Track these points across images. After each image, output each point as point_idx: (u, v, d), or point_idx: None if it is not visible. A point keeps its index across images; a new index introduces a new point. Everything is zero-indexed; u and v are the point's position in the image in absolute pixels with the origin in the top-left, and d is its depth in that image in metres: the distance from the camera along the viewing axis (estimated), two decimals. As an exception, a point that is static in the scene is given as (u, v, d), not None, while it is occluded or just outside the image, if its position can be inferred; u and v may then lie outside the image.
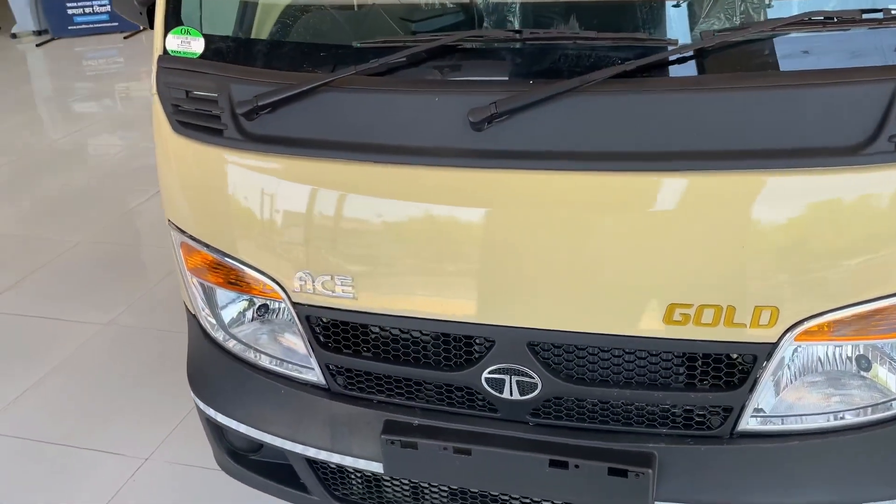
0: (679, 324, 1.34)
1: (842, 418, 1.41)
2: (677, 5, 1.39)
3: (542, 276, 1.38)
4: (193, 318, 1.83)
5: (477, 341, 1.47)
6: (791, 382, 1.39)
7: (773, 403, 1.40)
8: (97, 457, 2.54)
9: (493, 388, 1.48)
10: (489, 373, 1.47)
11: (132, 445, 2.55)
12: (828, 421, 1.41)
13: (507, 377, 1.47)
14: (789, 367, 1.37)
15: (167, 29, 1.60)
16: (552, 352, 1.44)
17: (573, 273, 1.36)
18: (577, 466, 1.44)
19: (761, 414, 1.41)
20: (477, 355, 1.48)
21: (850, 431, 1.41)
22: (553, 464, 1.45)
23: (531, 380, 1.45)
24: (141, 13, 1.84)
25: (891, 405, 1.40)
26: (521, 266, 1.38)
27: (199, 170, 1.59)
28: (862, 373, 1.39)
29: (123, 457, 2.53)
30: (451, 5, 1.64)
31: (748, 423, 1.42)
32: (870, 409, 1.41)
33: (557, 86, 1.27)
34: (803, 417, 1.41)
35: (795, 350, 1.34)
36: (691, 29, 1.37)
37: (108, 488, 2.41)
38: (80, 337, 3.12)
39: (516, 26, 1.53)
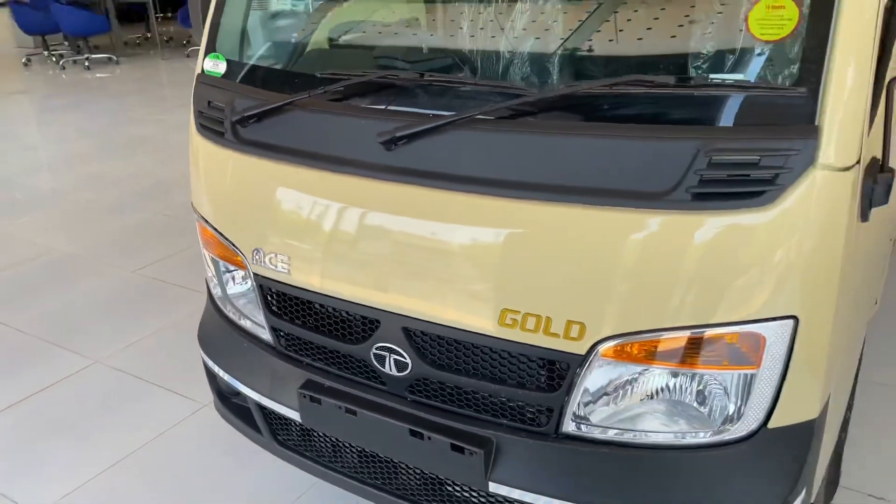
0: (510, 327, 1.58)
1: (649, 437, 1.56)
2: (548, 64, 1.65)
3: (416, 271, 1.67)
4: (207, 287, 2.30)
5: (368, 320, 1.79)
6: (604, 395, 1.56)
7: (590, 412, 1.58)
8: (169, 395, 3.12)
9: (378, 363, 1.79)
10: (376, 349, 1.78)
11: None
12: (635, 437, 1.56)
13: (387, 355, 1.77)
14: (600, 380, 1.55)
15: (206, 53, 2.11)
16: (420, 337, 1.72)
17: (437, 272, 1.65)
18: (429, 438, 1.70)
19: (582, 420, 1.59)
20: (367, 333, 1.79)
21: (658, 450, 1.55)
22: (412, 433, 1.73)
23: (404, 360, 1.74)
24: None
25: (696, 434, 1.53)
26: (402, 261, 1.69)
27: (207, 162, 2.06)
28: (667, 398, 1.53)
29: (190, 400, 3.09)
30: (398, 51, 1.99)
31: (569, 426, 1.60)
32: (701, 433, 1.54)
33: (438, 119, 1.58)
34: (613, 430, 1.58)
35: (603, 365, 1.53)
36: (545, 83, 1.63)
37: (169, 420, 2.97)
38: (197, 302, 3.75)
39: (447, 69, 1.85)
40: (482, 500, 1.78)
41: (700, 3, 1.67)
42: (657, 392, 1.54)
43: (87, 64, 11.08)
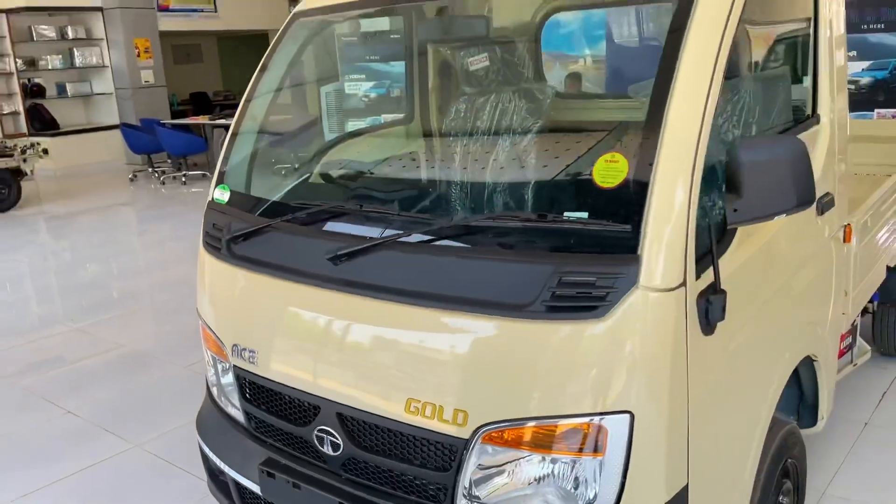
0: (413, 414, 1.90)
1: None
2: (449, 203, 2.04)
3: (346, 365, 2.04)
4: (206, 383, 2.71)
5: (312, 406, 2.14)
6: (487, 476, 1.84)
7: (478, 491, 1.86)
8: (191, 479, 3.50)
9: (318, 444, 2.13)
10: (317, 431, 2.12)
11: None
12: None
13: (325, 436, 2.10)
14: (483, 462, 1.83)
15: (216, 185, 2.61)
16: (350, 421, 2.05)
17: (361, 365, 2.01)
18: (351, 510, 2.01)
19: (473, 498, 1.87)
20: (311, 417, 2.14)
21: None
22: (341, 506, 2.04)
23: (338, 441, 2.07)
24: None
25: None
26: (336, 356, 2.06)
27: (208, 273, 2.52)
28: (538, 480, 1.80)
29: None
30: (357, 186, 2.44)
31: (460, 502, 1.88)
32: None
33: (367, 241, 1.99)
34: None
35: (484, 448, 1.82)
36: (446, 217, 2.01)
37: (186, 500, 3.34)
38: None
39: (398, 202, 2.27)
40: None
41: (560, 160, 2.05)
42: (530, 474, 1.81)
43: (183, 180, 12.24)
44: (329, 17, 2.75)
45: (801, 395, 2.76)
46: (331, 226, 2.20)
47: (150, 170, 12.98)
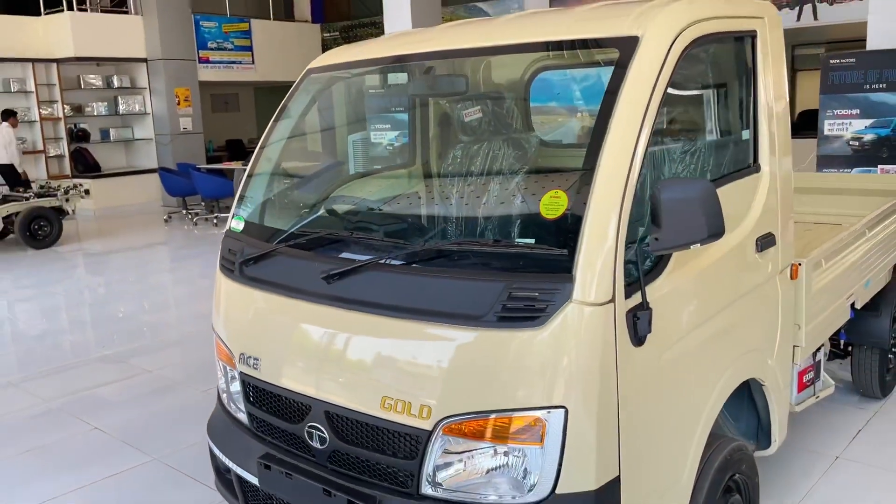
0: (387, 409, 2.22)
1: (484, 498, 2.10)
2: (422, 231, 2.39)
3: (332, 368, 2.37)
4: (218, 392, 3.05)
5: (304, 406, 2.46)
6: (448, 463, 2.14)
7: (440, 477, 2.16)
8: (202, 488, 3.81)
9: (309, 439, 2.44)
10: (308, 428, 2.44)
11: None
12: (474, 498, 2.11)
13: (314, 432, 2.42)
14: (444, 451, 2.13)
15: (233, 216, 2.99)
16: (335, 419, 2.37)
17: (343, 370, 2.33)
18: (334, 496, 2.31)
19: (435, 484, 2.16)
20: (303, 415, 2.46)
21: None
22: (324, 492, 2.34)
23: (325, 436, 2.39)
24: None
25: (513, 497, 2.07)
26: (325, 361, 2.39)
27: (223, 292, 2.88)
28: (491, 467, 2.09)
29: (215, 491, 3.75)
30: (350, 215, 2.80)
31: (426, 488, 2.18)
32: (510, 496, 2.09)
33: (358, 263, 2.33)
34: (458, 492, 2.14)
35: (445, 439, 2.12)
36: (422, 242, 2.35)
37: (190, 505, 3.64)
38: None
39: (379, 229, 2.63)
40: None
41: (513, 195, 2.39)
42: (484, 462, 2.11)
43: (215, 221, 12.78)
44: (338, 74, 3.15)
45: (758, 420, 3.02)
46: (326, 250, 2.56)
47: (183, 211, 13.57)
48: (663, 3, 2.38)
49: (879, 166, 7.95)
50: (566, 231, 2.05)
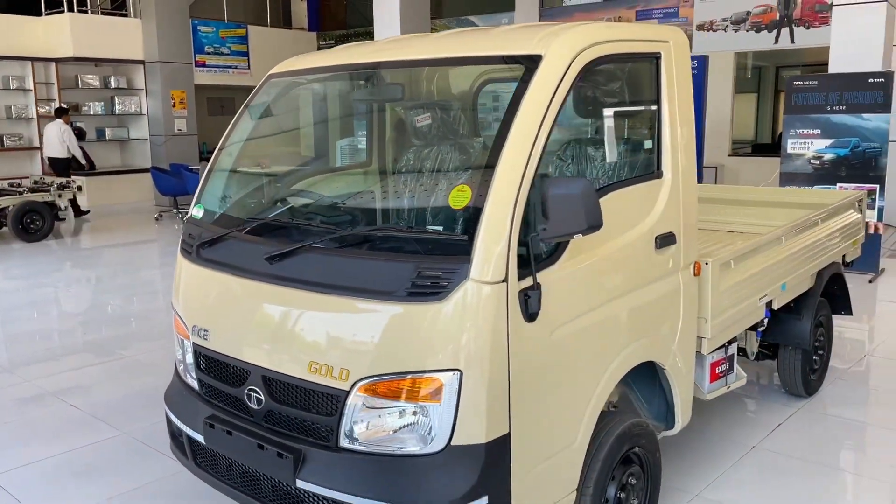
0: (313, 373, 2.54)
1: (392, 450, 2.42)
2: (347, 217, 2.71)
3: (269, 338, 2.69)
4: (175, 366, 3.35)
5: (245, 371, 2.78)
6: (362, 419, 2.46)
7: (356, 431, 2.47)
8: (166, 459, 4.12)
9: (248, 401, 2.76)
10: (247, 391, 2.76)
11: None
12: (391, 449, 2.43)
13: (253, 394, 2.74)
14: (359, 408, 2.45)
15: (194, 205, 3.31)
16: (270, 382, 2.69)
17: (278, 339, 2.65)
18: (266, 449, 2.62)
19: (352, 438, 2.48)
20: (243, 380, 2.78)
21: (396, 457, 2.41)
22: (259, 446, 2.65)
23: (261, 397, 2.71)
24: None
25: (416, 447, 2.38)
26: (262, 331, 2.71)
27: (181, 273, 3.20)
28: (404, 422, 2.41)
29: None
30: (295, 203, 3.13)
31: (344, 441, 2.49)
32: (414, 447, 2.40)
33: (294, 246, 2.65)
34: (371, 445, 2.45)
35: (360, 398, 2.44)
36: (344, 228, 2.68)
37: (159, 475, 3.95)
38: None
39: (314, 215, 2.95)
40: (299, 495, 2.63)
41: (426, 188, 2.72)
42: (392, 417, 2.43)
43: (204, 221, 13.14)
44: (297, 79, 3.48)
45: (668, 403, 3.34)
46: (270, 236, 2.88)
47: (174, 210, 13.89)
48: (567, 27, 2.72)
49: (838, 184, 8.31)
50: (468, 220, 2.38)
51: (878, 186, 8.21)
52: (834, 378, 5.23)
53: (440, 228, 2.49)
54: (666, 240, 3.04)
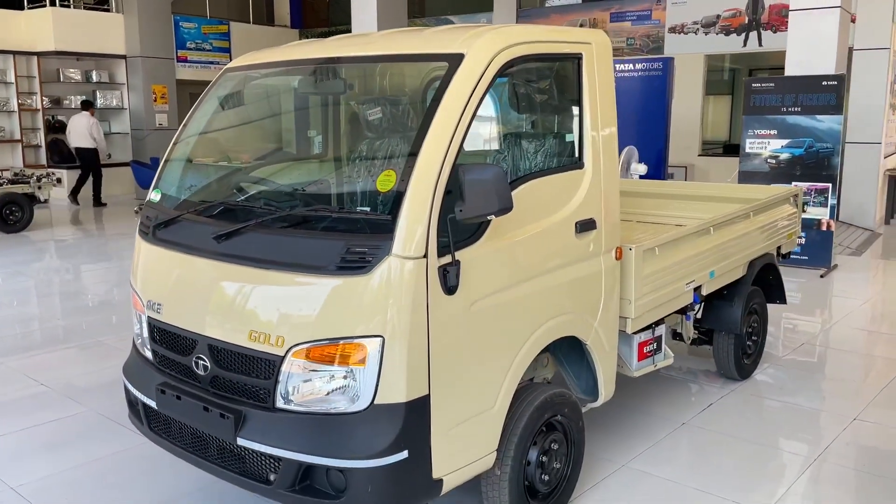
0: (253, 341, 2.79)
1: (324, 409, 2.67)
2: (287, 199, 2.97)
3: (214, 310, 2.93)
4: (133, 340, 3.59)
5: (192, 341, 3.02)
6: (296, 382, 2.71)
7: (291, 393, 2.72)
8: (128, 433, 4.36)
9: (196, 368, 3.00)
10: (195, 359, 3.00)
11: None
12: (321, 408, 2.68)
13: (200, 361, 2.98)
14: (293, 372, 2.70)
15: (152, 189, 3.55)
16: (215, 350, 2.93)
17: (223, 311, 2.90)
18: (210, 411, 2.87)
19: (288, 399, 2.73)
20: (191, 349, 3.02)
21: (328, 416, 2.66)
22: (204, 409, 2.90)
23: (207, 364, 2.95)
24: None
25: (345, 406, 2.64)
26: (209, 304, 2.96)
27: (139, 251, 3.43)
28: (333, 383, 2.66)
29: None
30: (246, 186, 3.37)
31: (280, 402, 2.74)
32: (342, 406, 2.65)
33: (239, 226, 2.90)
34: (305, 405, 2.70)
35: (294, 362, 2.69)
36: (284, 208, 2.94)
37: (118, 448, 4.18)
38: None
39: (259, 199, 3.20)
40: (240, 452, 2.88)
41: (363, 175, 2.98)
42: (322, 379, 2.68)
43: (183, 214, 13.34)
44: (251, 73, 3.73)
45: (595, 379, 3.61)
46: (220, 217, 3.12)
47: (154, 204, 14.07)
48: (491, 29, 2.98)
49: (793, 182, 8.62)
50: (393, 201, 2.63)
51: (830, 185, 8.54)
52: (770, 363, 5.54)
53: (368, 209, 2.75)
54: (586, 225, 3.31)
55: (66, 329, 6.75)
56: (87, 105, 14.15)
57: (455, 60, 2.83)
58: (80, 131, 13.88)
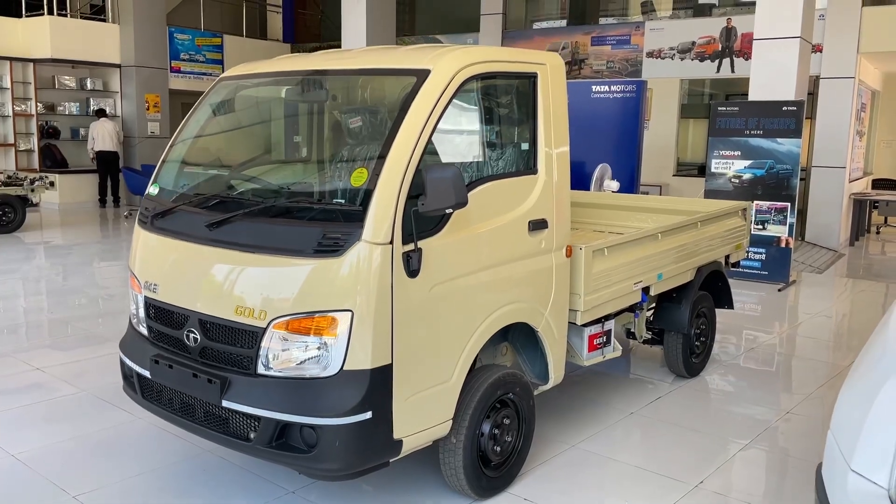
0: (238, 314, 3.18)
1: (301, 373, 3.06)
2: (270, 192, 3.38)
3: (205, 288, 3.32)
4: (129, 319, 3.96)
5: (184, 316, 3.40)
6: (277, 350, 3.09)
7: (271, 360, 3.11)
8: (117, 411, 4.70)
9: (187, 340, 3.38)
10: (187, 332, 3.38)
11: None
12: (297, 374, 3.07)
13: (191, 334, 3.36)
14: (274, 341, 3.09)
15: (151, 184, 3.94)
16: (205, 324, 3.31)
17: (213, 289, 3.29)
18: (198, 377, 3.25)
19: (268, 366, 3.12)
20: (183, 323, 3.41)
21: (304, 380, 3.05)
22: (193, 376, 3.28)
23: (197, 337, 3.34)
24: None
25: (318, 371, 3.03)
26: (200, 283, 3.34)
27: (138, 239, 3.82)
28: (308, 352, 3.05)
29: (126, 412, 4.66)
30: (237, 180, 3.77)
31: (261, 369, 3.13)
32: (315, 371, 3.04)
33: (229, 215, 3.30)
34: (284, 371, 3.09)
35: (275, 333, 3.08)
36: (268, 200, 3.34)
37: (113, 423, 4.54)
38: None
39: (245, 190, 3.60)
40: (224, 414, 3.25)
41: (342, 174, 3.39)
42: (299, 348, 3.07)
43: (172, 220, 13.68)
44: (245, 82, 4.14)
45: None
46: (212, 208, 3.51)
47: (144, 210, 14.40)
48: (455, 48, 3.42)
49: (755, 202, 9.11)
50: (364, 195, 3.04)
51: (788, 204, 9.03)
52: (719, 364, 5.96)
53: (342, 201, 3.16)
54: (538, 225, 3.73)
55: (56, 321, 7.08)
56: (103, 113, 15.13)
57: (422, 75, 3.26)
58: (106, 137, 14.90)
